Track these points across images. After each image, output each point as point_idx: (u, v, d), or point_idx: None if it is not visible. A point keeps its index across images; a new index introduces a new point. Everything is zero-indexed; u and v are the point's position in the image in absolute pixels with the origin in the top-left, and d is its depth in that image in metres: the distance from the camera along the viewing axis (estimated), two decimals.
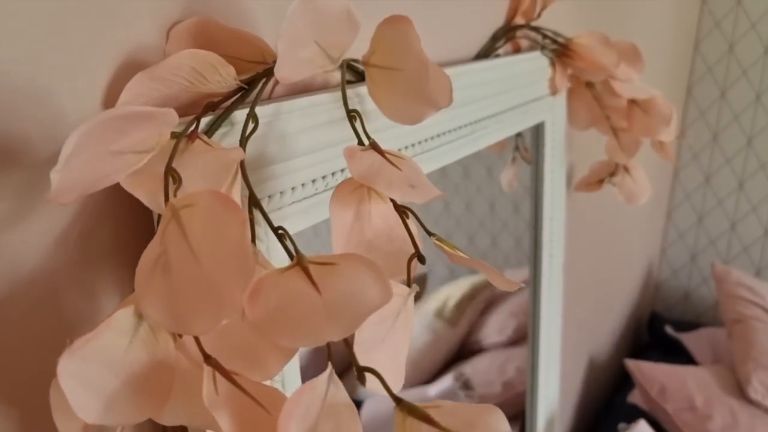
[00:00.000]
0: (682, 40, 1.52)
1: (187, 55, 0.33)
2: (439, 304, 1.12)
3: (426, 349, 1.10)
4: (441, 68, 0.40)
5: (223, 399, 0.24)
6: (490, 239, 1.03)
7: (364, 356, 0.26)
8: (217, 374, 0.25)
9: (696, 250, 1.76)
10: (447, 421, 0.23)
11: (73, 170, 0.24)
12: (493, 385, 1.13)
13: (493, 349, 1.13)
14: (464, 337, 1.14)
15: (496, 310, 1.14)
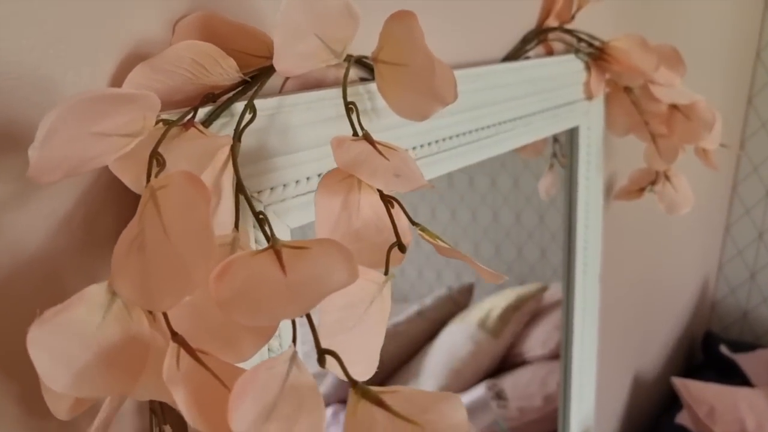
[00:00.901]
0: (743, 47, 1.46)
1: (186, 47, 0.34)
2: (482, 315, 1.11)
3: (468, 359, 1.09)
4: (446, 64, 0.40)
5: (184, 375, 0.24)
6: (516, 250, 1.01)
7: (330, 340, 0.26)
8: (182, 351, 0.25)
9: (756, 267, 1.67)
10: (400, 406, 0.23)
11: (54, 149, 0.25)
12: (534, 399, 1.11)
13: (536, 362, 1.11)
14: (507, 349, 1.13)
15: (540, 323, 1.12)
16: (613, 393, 1.19)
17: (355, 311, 0.27)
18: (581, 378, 0.92)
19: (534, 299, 1.12)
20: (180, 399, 0.23)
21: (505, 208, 1.00)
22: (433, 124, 0.52)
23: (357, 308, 0.27)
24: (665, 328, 1.40)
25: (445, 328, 1.13)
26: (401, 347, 1.12)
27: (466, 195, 1.01)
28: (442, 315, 1.13)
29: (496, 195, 0.99)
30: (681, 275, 1.44)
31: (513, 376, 1.12)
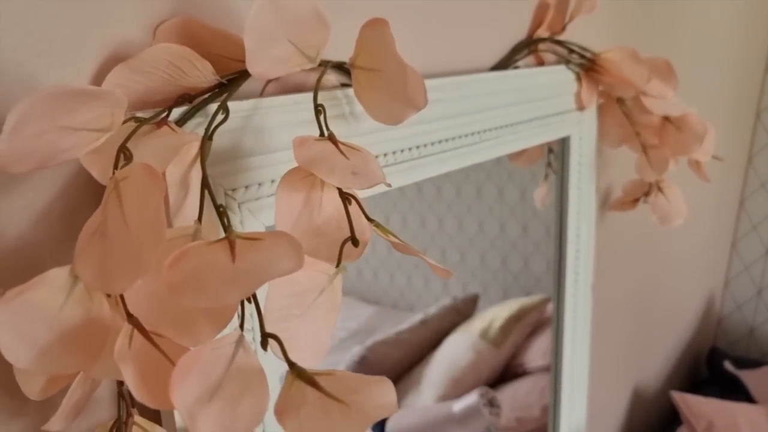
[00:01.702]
0: (751, 61, 1.46)
1: (161, 49, 0.35)
2: (484, 325, 1.12)
3: (468, 369, 1.10)
4: (417, 71, 0.41)
5: (135, 354, 0.26)
6: (523, 261, 1.02)
7: (275, 325, 0.28)
8: (136, 332, 0.27)
9: (763, 284, 1.66)
10: (332, 386, 0.24)
11: (23, 141, 0.27)
12: (532, 409, 1.11)
13: (536, 372, 1.12)
14: (508, 360, 1.13)
15: (541, 334, 1.12)
16: (609, 405, 1.18)
17: (304, 300, 0.29)
18: (572, 388, 0.92)
19: (536, 311, 1.12)
20: (128, 376, 0.25)
21: (512, 219, 1.00)
22: (415, 130, 0.54)
23: (305, 297, 0.29)
24: (668, 342, 1.39)
25: (448, 338, 1.14)
26: (404, 355, 1.13)
27: (474, 206, 1.02)
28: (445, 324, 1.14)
29: (503, 207, 1.00)
30: (686, 290, 1.43)
31: (513, 386, 1.12)
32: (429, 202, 0.97)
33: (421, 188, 0.89)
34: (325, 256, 0.33)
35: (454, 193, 0.98)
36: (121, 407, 0.35)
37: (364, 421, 0.23)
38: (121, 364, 0.25)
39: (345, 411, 0.23)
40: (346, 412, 0.23)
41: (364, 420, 0.23)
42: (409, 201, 0.95)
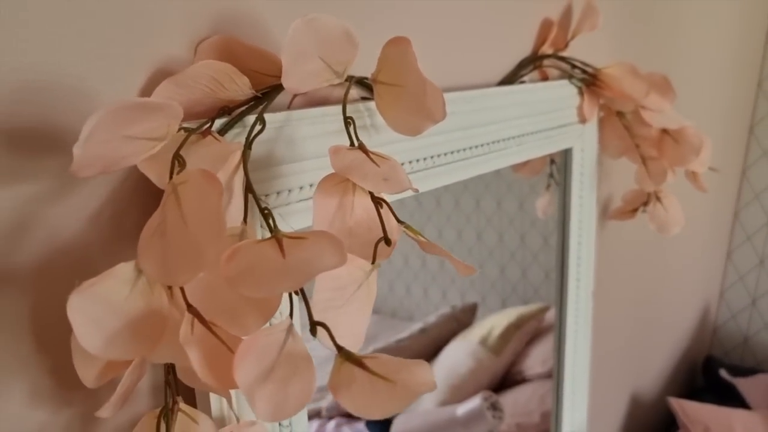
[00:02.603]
0: (745, 77, 1.50)
1: (205, 65, 0.39)
2: (484, 333, 1.14)
3: (468, 376, 1.12)
4: (436, 86, 0.44)
5: (197, 339, 0.29)
6: (521, 271, 1.05)
7: (321, 315, 0.31)
8: (195, 321, 0.30)
9: (757, 293, 1.69)
10: (378, 368, 0.27)
11: (93, 148, 0.30)
12: (532, 415, 1.13)
13: (535, 380, 1.14)
14: (508, 367, 1.16)
15: (540, 342, 1.15)
16: (608, 410, 1.21)
17: (344, 293, 0.32)
18: (573, 392, 0.95)
19: (535, 319, 1.15)
20: (194, 358, 0.28)
21: (510, 230, 1.03)
22: (428, 141, 0.57)
23: (346, 291, 0.32)
24: (665, 350, 1.42)
25: (448, 345, 1.16)
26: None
27: (472, 216, 1.05)
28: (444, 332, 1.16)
29: (502, 217, 1.03)
30: (682, 299, 1.47)
31: (513, 393, 1.15)
32: (428, 213, 0.99)
33: (421, 200, 0.92)
34: (357, 254, 0.36)
35: (453, 204, 1.01)
36: (167, 395, 0.38)
37: (409, 396, 0.26)
38: (187, 348, 0.28)
39: (391, 388, 0.26)
40: (392, 389, 0.26)
41: (410, 395, 0.26)
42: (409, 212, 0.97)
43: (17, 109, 0.35)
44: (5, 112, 0.35)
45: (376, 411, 0.25)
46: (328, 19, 0.39)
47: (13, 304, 0.37)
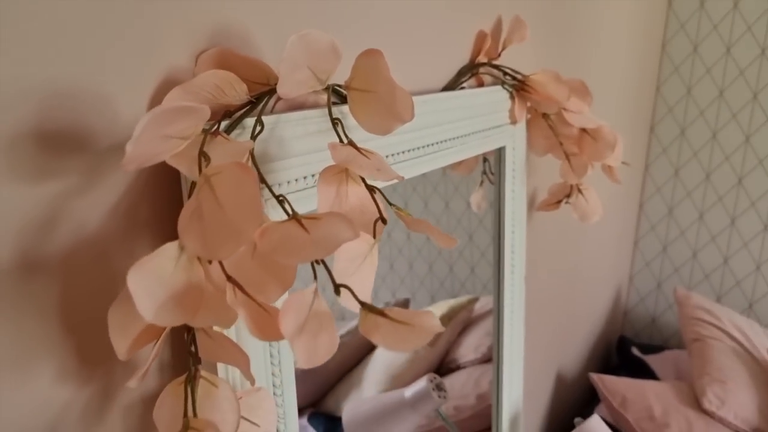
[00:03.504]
0: (645, 82, 1.67)
1: (213, 74, 0.44)
2: None
3: (406, 366, 1.20)
4: (405, 90, 0.51)
5: (239, 302, 0.35)
6: (448, 267, 1.13)
7: (341, 280, 0.37)
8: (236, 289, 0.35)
9: (661, 277, 1.88)
10: (397, 316, 0.34)
11: (140, 146, 0.35)
12: (469, 398, 1.22)
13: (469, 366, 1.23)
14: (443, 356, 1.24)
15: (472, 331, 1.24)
16: (539, 387, 1.32)
17: (355, 262, 0.38)
18: (511, 370, 1.05)
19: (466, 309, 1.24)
20: (242, 315, 0.33)
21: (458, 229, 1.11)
22: (386, 141, 0.64)
23: (356, 260, 0.38)
24: (584, 331, 1.56)
25: None
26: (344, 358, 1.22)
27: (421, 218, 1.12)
28: None
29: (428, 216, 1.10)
30: (597, 285, 1.61)
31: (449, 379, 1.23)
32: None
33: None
34: None
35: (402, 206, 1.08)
36: (190, 364, 0.43)
37: (427, 334, 0.32)
38: (236, 308, 0.34)
39: (410, 329, 0.33)
40: (411, 330, 0.32)
41: (427, 333, 0.32)
42: None
43: (48, 114, 0.39)
44: (38, 117, 0.39)
45: (403, 346, 0.32)
46: (318, 33, 0.46)
47: (44, 290, 0.41)
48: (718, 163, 1.71)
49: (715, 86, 1.68)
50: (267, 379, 0.52)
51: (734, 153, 1.68)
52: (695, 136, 1.73)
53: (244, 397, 0.46)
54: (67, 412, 0.44)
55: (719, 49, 1.65)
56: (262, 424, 0.47)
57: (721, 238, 1.75)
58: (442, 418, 1.12)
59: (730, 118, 1.67)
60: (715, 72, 1.67)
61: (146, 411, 0.49)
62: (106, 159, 0.43)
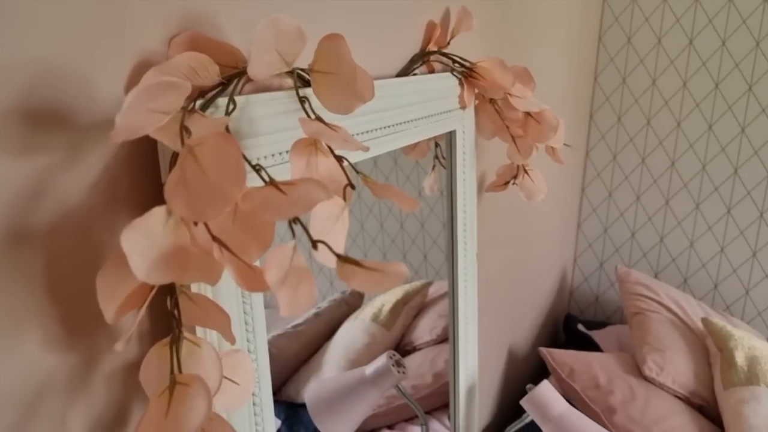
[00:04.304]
0: (584, 72, 1.75)
1: (187, 56, 0.47)
2: (375, 310, 1.27)
3: (364, 350, 1.24)
4: (366, 71, 0.55)
5: (225, 259, 0.38)
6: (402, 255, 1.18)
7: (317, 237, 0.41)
8: (222, 248, 0.39)
9: (603, 258, 1.98)
10: (369, 264, 0.38)
11: (128, 119, 0.38)
12: (425, 377, 1.28)
13: (425, 347, 1.28)
14: (399, 339, 1.29)
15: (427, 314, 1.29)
16: (492, 362, 1.39)
17: (329, 223, 0.42)
18: (466, 345, 1.10)
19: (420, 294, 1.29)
20: (230, 269, 0.37)
21: (390, 218, 1.15)
22: (347, 122, 0.68)
23: (330, 221, 0.42)
24: (533, 310, 1.64)
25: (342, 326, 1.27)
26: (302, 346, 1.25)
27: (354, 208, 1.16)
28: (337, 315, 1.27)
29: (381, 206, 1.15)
30: (544, 266, 1.69)
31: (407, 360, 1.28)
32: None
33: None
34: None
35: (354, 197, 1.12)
36: (174, 326, 0.46)
37: (396, 278, 0.36)
38: (224, 263, 0.37)
39: (382, 275, 0.37)
40: (383, 275, 0.37)
41: (396, 277, 0.37)
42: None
43: (32, 92, 0.42)
44: (25, 94, 0.41)
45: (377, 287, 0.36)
46: (286, 18, 0.49)
47: (30, 260, 0.44)
48: (652, 148, 1.82)
49: (648, 75, 1.78)
50: (243, 345, 0.55)
51: (667, 138, 1.79)
52: (631, 123, 1.83)
53: (224, 359, 0.50)
54: (54, 377, 0.47)
55: (651, 40, 1.75)
56: (242, 383, 0.50)
57: (657, 219, 1.86)
58: (401, 393, 1.16)
59: (662, 105, 1.77)
60: (647, 62, 1.77)
61: (128, 377, 0.52)
62: (88, 136, 0.45)
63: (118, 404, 0.52)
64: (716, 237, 1.79)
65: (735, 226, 1.75)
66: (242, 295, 0.54)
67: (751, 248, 1.75)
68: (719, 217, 1.77)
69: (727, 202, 1.75)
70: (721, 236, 1.78)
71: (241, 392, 0.50)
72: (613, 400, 1.33)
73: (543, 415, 1.04)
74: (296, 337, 1.26)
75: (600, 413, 1.32)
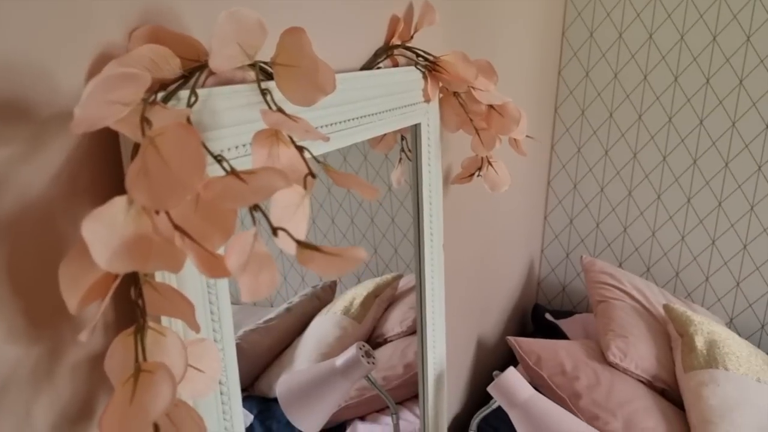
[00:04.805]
0: (548, 67, 1.78)
1: (148, 48, 0.48)
2: (346, 304, 1.28)
3: (335, 343, 1.25)
4: (327, 64, 0.56)
5: (187, 246, 0.39)
6: (373, 249, 1.19)
7: (278, 224, 0.42)
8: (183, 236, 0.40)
9: (569, 249, 2.02)
10: (328, 250, 0.39)
11: (87, 110, 0.39)
12: (396, 368, 1.29)
13: (396, 339, 1.30)
14: (370, 332, 1.30)
15: (397, 306, 1.31)
16: (461, 351, 1.41)
17: (290, 210, 0.43)
18: (434, 335, 1.12)
19: (390, 287, 1.30)
20: (191, 257, 0.38)
21: (360, 212, 1.16)
22: (312, 115, 0.69)
23: (290, 209, 0.43)
24: (502, 300, 1.67)
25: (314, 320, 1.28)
26: (274, 341, 1.26)
27: (325, 204, 1.17)
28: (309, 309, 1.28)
29: (351, 201, 1.16)
30: (512, 256, 1.72)
31: (378, 353, 1.30)
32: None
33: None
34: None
35: (324, 192, 1.13)
36: (138, 316, 0.47)
37: (354, 262, 0.38)
38: (185, 250, 0.38)
39: (340, 259, 0.38)
40: (341, 259, 0.38)
41: (354, 261, 0.38)
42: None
43: None
44: None
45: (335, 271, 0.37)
46: (246, 11, 0.50)
47: None
48: (615, 140, 1.86)
49: (611, 69, 1.82)
50: (209, 335, 0.56)
51: (629, 130, 1.83)
52: (594, 116, 1.87)
53: (189, 347, 0.50)
54: (17, 370, 0.47)
55: (613, 35, 1.79)
56: (208, 371, 0.51)
57: (620, 209, 1.91)
58: (372, 383, 1.18)
59: (624, 98, 1.82)
60: (609, 56, 1.81)
61: (93, 369, 0.52)
62: (49, 128, 0.46)
63: (84, 396, 0.52)
64: (677, 226, 1.84)
65: (695, 215, 1.81)
66: (207, 286, 0.55)
67: (710, 236, 1.80)
68: (679, 206, 1.82)
69: (687, 192, 1.80)
70: (681, 225, 1.84)
71: (207, 380, 0.51)
72: (578, 385, 1.36)
73: (509, 400, 1.06)
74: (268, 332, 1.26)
75: (566, 399, 1.36)
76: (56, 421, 0.50)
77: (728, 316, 1.84)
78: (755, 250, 1.76)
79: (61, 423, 0.50)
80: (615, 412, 1.30)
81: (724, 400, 1.30)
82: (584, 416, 1.32)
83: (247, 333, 1.11)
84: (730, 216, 1.75)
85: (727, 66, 1.66)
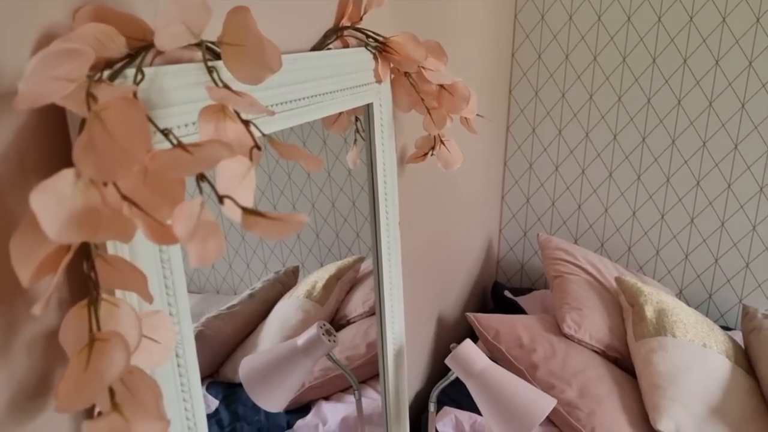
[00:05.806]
0: (502, 49, 1.82)
1: (92, 26, 0.49)
2: (309, 287, 1.30)
3: (299, 326, 1.27)
4: (273, 42, 0.58)
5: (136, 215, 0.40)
6: (334, 234, 1.21)
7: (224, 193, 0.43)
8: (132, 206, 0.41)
9: (526, 227, 2.07)
10: (272, 215, 0.41)
11: (31, 86, 0.40)
12: (359, 348, 1.32)
13: (358, 320, 1.32)
14: (333, 314, 1.33)
15: (359, 288, 1.33)
16: (421, 328, 1.45)
17: (235, 180, 0.45)
18: (392, 304, 1.15)
19: (352, 269, 1.32)
20: (140, 225, 0.39)
21: (321, 197, 1.18)
22: (262, 94, 0.70)
23: (236, 179, 0.45)
24: (461, 278, 1.70)
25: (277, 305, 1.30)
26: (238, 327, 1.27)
27: (285, 189, 1.18)
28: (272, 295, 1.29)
29: (312, 185, 1.17)
30: (471, 237, 1.76)
31: (341, 334, 1.32)
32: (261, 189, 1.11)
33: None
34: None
35: (285, 179, 1.14)
36: (91, 288, 0.48)
37: (296, 225, 0.40)
38: (134, 220, 0.39)
39: (283, 223, 0.40)
40: (284, 223, 0.40)
41: (296, 225, 0.40)
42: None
43: None
44: None
45: (278, 236, 0.39)
46: None
47: None
48: (567, 120, 1.91)
49: (562, 51, 1.86)
50: (164, 307, 0.57)
51: (581, 110, 1.89)
52: (547, 97, 1.92)
53: (144, 319, 0.52)
54: None
55: (563, 17, 1.83)
56: (163, 341, 0.53)
57: (574, 187, 1.96)
58: (334, 361, 1.20)
59: (575, 79, 1.86)
60: (560, 38, 1.85)
61: (49, 344, 0.53)
62: None
63: (41, 371, 0.53)
64: (628, 202, 1.91)
65: (645, 191, 1.87)
66: (161, 260, 0.56)
67: (659, 211, 1.87)
68: (630, 183, 1.88)
69: (637, 169, 1.86)
70: (632, 201, 1.90)
71: (162, 350, 0.52)
72: (535, 357, 1.41)
73: (466, 371, 1.10)
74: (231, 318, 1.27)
75: (524, 370, 1.40)
76: (13, 397, 0.51)
77: (678, 288, 1.92)
78: (702, 223, 1.83)
79: (18, 398, 0.52)
80: (570, 381, 1.36)
81: (673, 365, 1.36)
82: (541, 386, 1.37)
83: (210, 320, 1.12)
84: (678, 191, 1.82)
85: (672, 46, 1.72)
